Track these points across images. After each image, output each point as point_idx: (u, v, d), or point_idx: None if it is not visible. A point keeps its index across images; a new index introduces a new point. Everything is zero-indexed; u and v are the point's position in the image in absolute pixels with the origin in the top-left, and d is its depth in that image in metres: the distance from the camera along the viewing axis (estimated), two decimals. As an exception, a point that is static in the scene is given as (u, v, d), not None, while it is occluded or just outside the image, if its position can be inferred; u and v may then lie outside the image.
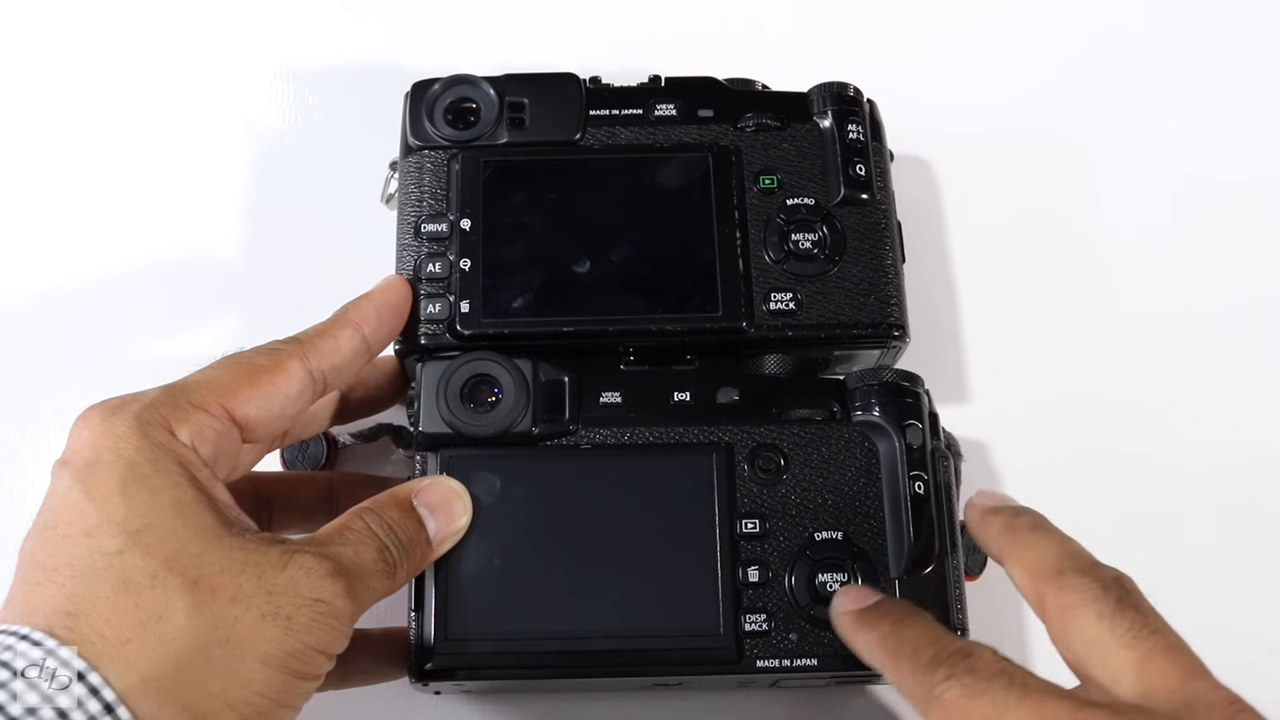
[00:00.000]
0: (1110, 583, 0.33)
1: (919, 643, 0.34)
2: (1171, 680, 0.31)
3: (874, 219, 0.46)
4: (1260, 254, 0.56)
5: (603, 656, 0.40)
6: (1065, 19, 0.61)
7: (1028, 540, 0.35)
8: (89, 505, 0.33)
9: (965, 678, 0.32)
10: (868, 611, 0.37)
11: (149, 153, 0.57)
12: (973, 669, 0.32)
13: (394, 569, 0.37)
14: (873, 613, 0.37)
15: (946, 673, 0.32)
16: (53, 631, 0.31)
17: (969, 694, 0.31)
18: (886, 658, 0.35)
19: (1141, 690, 0.31)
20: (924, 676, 0.33)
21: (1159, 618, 0.32)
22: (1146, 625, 0.32)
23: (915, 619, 0.35)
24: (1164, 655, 0.31)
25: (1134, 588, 0.33)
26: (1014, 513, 0.37)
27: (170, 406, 0.35)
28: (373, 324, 0.41)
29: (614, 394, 0.43)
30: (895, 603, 0.37)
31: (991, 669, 0.32)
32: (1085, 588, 0.33)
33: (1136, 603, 0.33)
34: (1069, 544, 0.35)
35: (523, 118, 0.46)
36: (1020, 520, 0.36)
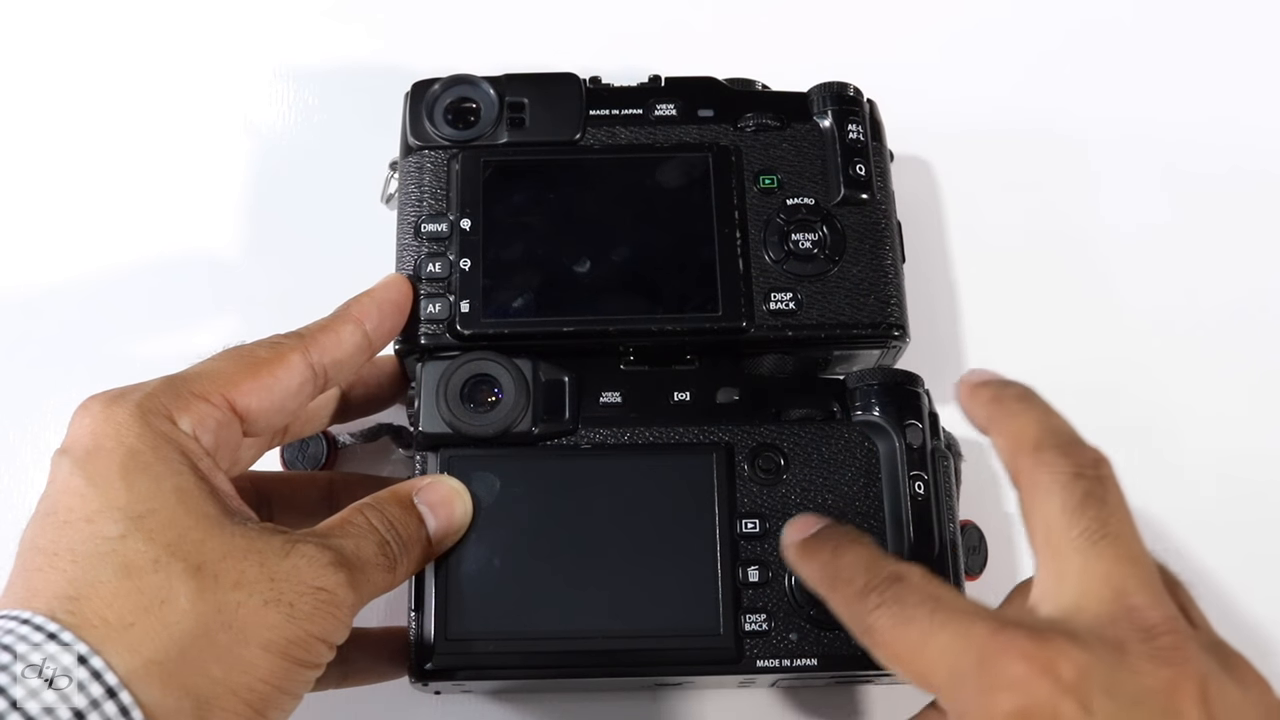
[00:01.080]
0: (1085, 468, 0.32)
1: (854, 570, 0.33)
2: (1107, 590, 0.30)
3: (874, 219, 0.46)
4: (1260, 252, 0.56)
5: (603, 656, 0.40)
6: (1065, 19, 0.61)
7: (1013, 409, 0.35)
8: (90, 491, 0.33)
9: (893, 606, 0.32)
10: (810, 540, 0.36)
11: (149, 152, 0.57)
12: (900, 596, 0.32)
13: (394, 564, 0.37)
14: (814, 541, 0.36)
15: (876, 600, 0.32)
16: (54, 616, 0.31)
17: (896, 622, 0.31)
18: (827, 588, 0.35)
19: (1076, 600, 0.30)
20: (858, 605, 0.33)
21: (1122, 520, 0.31)
22: (1105, 528, 0.31)
23: (851, 545, 0.35)
24: (1110, 564, 0.30)
25: (1109, 478, 0.32)
26: (1002, 384, 0.36)
27: (171, 395, 0.36)
28: (374, 320, 0.41)
29: (614, 394, 0.43)
30: (835, 529, 0.37)
31: (918, 594, 0.32)
32: (1058, 470, 0.32)
33: (1104, 497, 0.32)
34: (1054, 418, 0.34)
35: (523, 118, 0.46)
36: (1007, 390, 0.36)
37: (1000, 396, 0.35)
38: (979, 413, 0.36)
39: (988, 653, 0.29)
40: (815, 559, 0.36)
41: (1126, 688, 0.28)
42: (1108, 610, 0.30)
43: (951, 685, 0.30)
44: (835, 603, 0.34)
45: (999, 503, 0.50)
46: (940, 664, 0.30)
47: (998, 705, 0.28)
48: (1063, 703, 0.28)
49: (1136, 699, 0.28)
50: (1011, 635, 0.29)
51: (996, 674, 0.29)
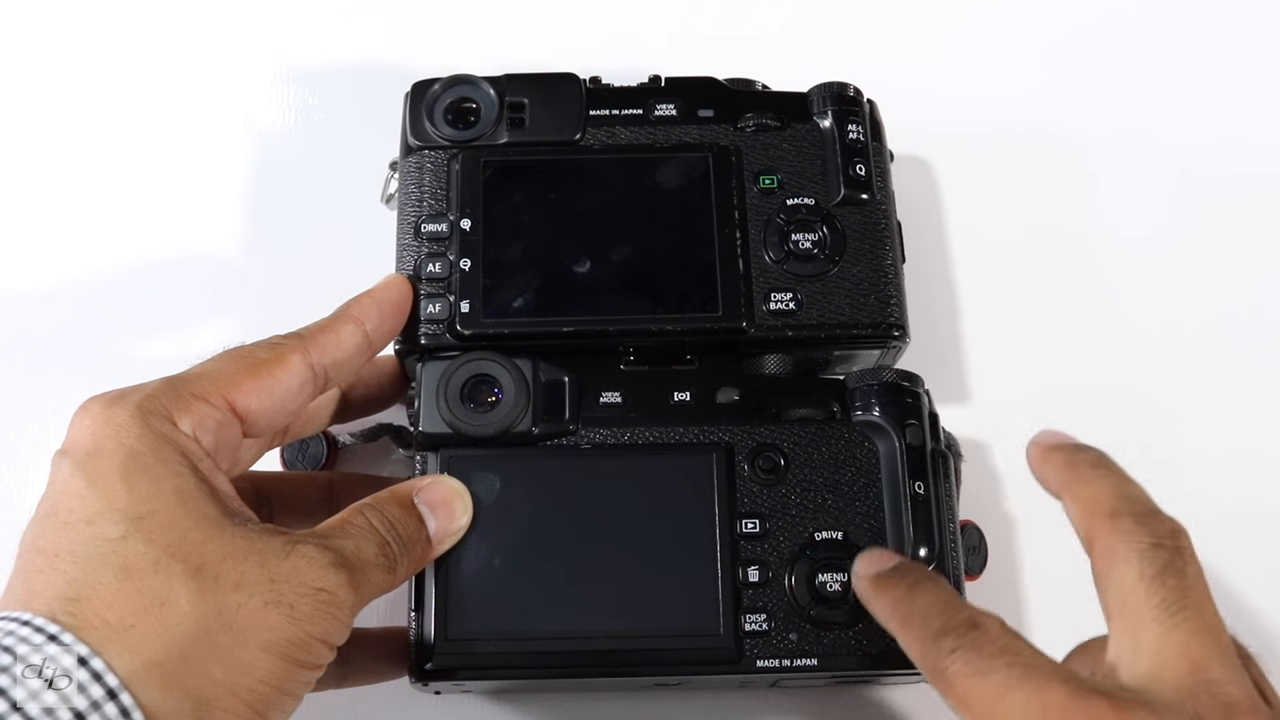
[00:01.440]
0: (1163, 539, 0.32)
1: (929, 610, 0.33)
2: (1185, 665, 0.30)
3: (874, 219, 0.46)
4: (1260, 253, 0.56)
5: (603, 656, 0.40)
6: (1065, 19, 0.61)
7: (1088, 476, 0.34)
8: (90, 492, 0.33)
9: (969, 653, 0.31)
10: (884, 576, 0.36)
11: (149, 152, 0.57)
12: (977, 644, 0.31)
13: (394, 564, 0.37)
14: (888, 577, 0.36)
15: (953, 644, 0.32)
16: (54, 617, 0.31)
17: (972, 671, 0.31)
18: (899, 625, 0.34)
19: (1154, 671, 0.30)
20: (932, 647, 0.32)
21: (1201, 593, 0.31)
22: (1184, 599, 0.30)
23: (927, 584, 0.35)
24: (1189, 637, 0.30)
25: (1188, 549, 0.32)
26: (1076, 448, 0.35)
27: (172, 397, 0.36)
28: (374, 320, 0.41)
29: (614, 394, 0.43)
30: (911, 567, 0.37)
31: (996, 645, 0.31)
32: (1135, 539, 0.32)
33: (1182, 569, 0.31)
34: (1130, 486, 0.34)
35: (523, 118, 0.46)
36: (1082, 456, 0.35)
37: (1074, 462, 0.35)
38: (1052, 477, 0.35)
39: (1067, 716, 0.29)
40: (889, 594, 0.35)
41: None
42: (1187, 683, 0.29)
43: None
44: (907, 640, 0.34)
45: (999, 503, 0.50)
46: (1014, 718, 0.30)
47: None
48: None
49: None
50: (1091, 701, 0.29)
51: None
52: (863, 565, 0.38)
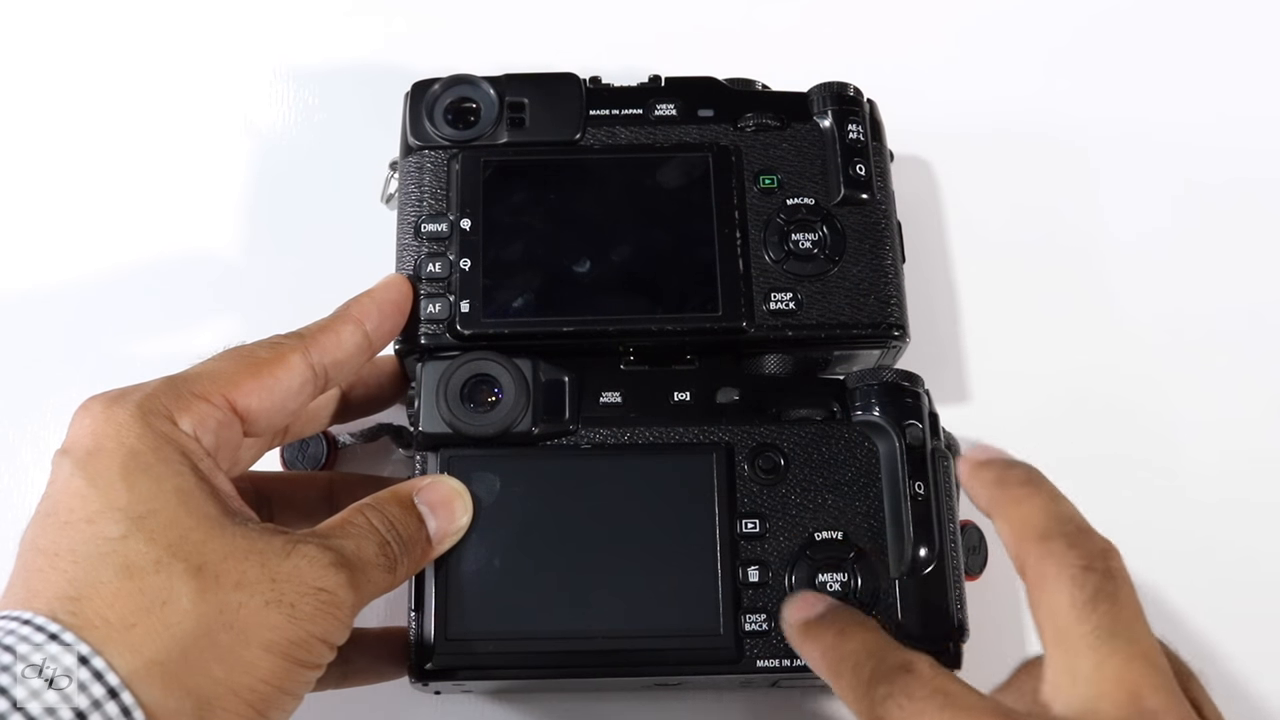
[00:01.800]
0: (1094, 561, 0.31)
1: (859, 656, 0.33)
2: (1122, 695, 0.29)
3: (874, 219, 0.46)
4: (1261, 254, 0.56)
5: (603, 656, 0.40)
6: (1066, 19, 0.61)
7: (1017, 495, 0.33)
8: (91, 492, 0.33)
9: (901, 699, 0.31)
10: (813, 624, 0.36)
11: (149, 152, 0.57)
12: (908, 689, 0.31)
13: (395, 564, 0.37)
14: (817, 625, 0.36)
15: (886, 691, 0.31)
16: (55, 616, 0.31)
17: (906, 715, 0.31)
18: (829, 673, 0.34)
19: (1090, 701, 0.30)
20: (865, 693, 0.32)
21: (1133, 616, 0.31)
22: (1116, 624, 0.30)
23: (857, 630, 0.34)
24: (1124, 664, 0.30)
25: (1119, 571, 0.31)
26: (1006, 465, 0.34)
27: (172, 396, 0.36)
28: (374, 320, 0.41)
29: (614, 394, 0.43)
30: (840, 612, 0.36)
31: (927, 687, 0.31)
32: (1067, 562, 0.31)
33: (1114, 593, 0.31)
34: (1061, 505, 0.33)
35: (523, 118, 0.46)
36: (1012, 474, 0.34)
37: (1004, 479, 0.34)
38: (982, 495, 0.35)
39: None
40: (819, 641, 0.35)
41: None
42: (1123, 714, 0.29)
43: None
44: (841, 689, 0.33)
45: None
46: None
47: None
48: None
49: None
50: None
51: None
52: (790, 612, 0.37)
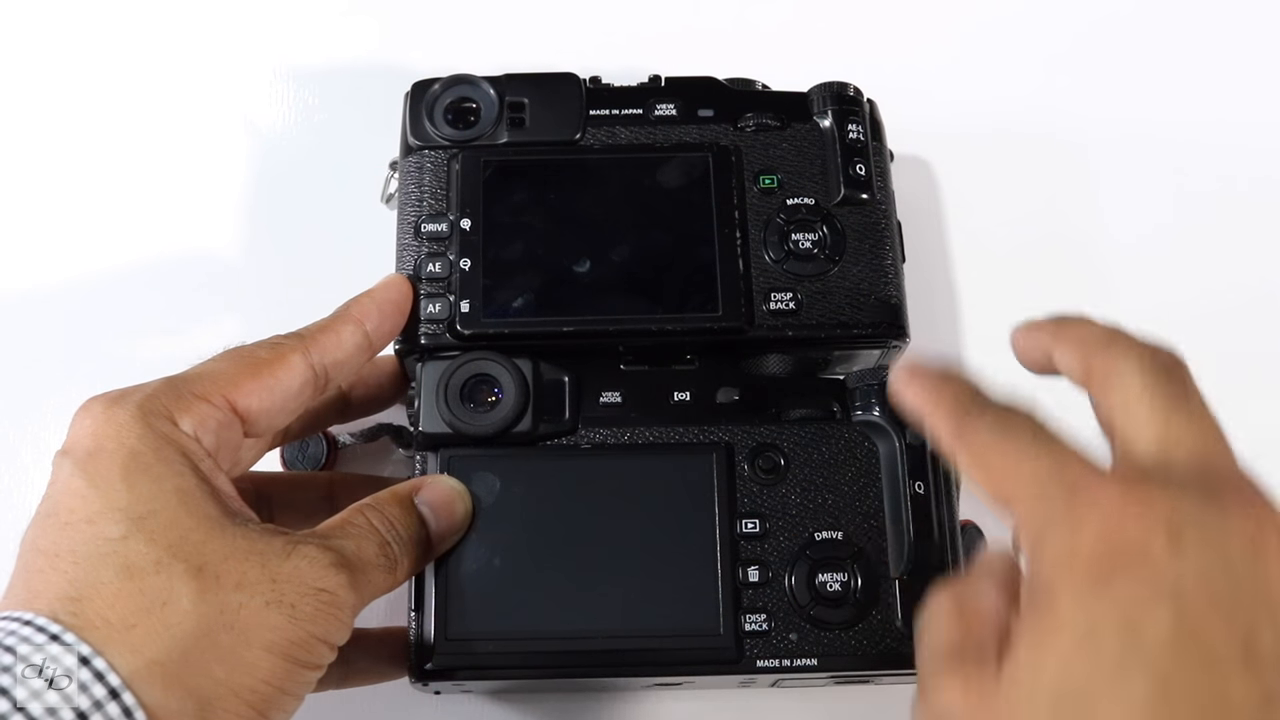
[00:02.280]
0: (1162, 351, 0.32)
1: (961, 389, 0.33)
2: (1193, 456, 0.29)
3: (874, 219, 0.46)
4: (1261, 254, 0.56)
5: (603, 656, 0.40)
6: (1065, 19, 0.61)
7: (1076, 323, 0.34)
8: (91, 492, 0.33)
9: (995, 423, 0.31)
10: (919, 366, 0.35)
11: (149, 152, 0.57)
12: (1005, 415, 0.31)
13: (395, 564, 0.37)
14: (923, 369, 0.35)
15: (980, 413, 0.32)
16: (56, 617, 0.31)
17: (995, 436, 0.31)
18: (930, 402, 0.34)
19: (1162, 457, 0.30)
20: (959, 416, 0.32)
21: (1200, 397, 0.31)
22: (1186, 401, 0.30)
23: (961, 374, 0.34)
24: (1195, 432, 0.30)
25: (1183, 363, 0.32)
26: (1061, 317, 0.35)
27: (172, 397, 0.36)
28: (374, 320, 0.41)
29: (614, 394, 0.43)
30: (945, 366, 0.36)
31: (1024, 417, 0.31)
32: (1136, 353, 0.31)
33: (1183, 377, 0.31)
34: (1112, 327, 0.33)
35: (523, 118, 0.46)
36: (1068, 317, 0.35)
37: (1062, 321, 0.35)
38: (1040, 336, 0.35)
39: (1084, 483, 0.28)
40: (923, 379, 0.34)
41: (1214, 529, 0.27)
42: (1198, 466, 0.29)
43: (1035, 503, 0.29)
44: (936, 418, 0.33)
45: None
46: (1031, 483, 0.29)
47: (1086, 530, 0.27)
48: (1155, 538, 0.27)
49: (1223, 539, 0.27)
50: (1111, 475, 0.29)
51: (1091, 502, 0.28)
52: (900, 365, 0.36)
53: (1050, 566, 0.28)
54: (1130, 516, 0.27)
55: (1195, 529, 0.27)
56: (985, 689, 0.28)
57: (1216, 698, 0.25)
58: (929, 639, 0.31)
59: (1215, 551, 0.27)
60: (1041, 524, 0.29)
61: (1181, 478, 0.29)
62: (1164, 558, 0.27)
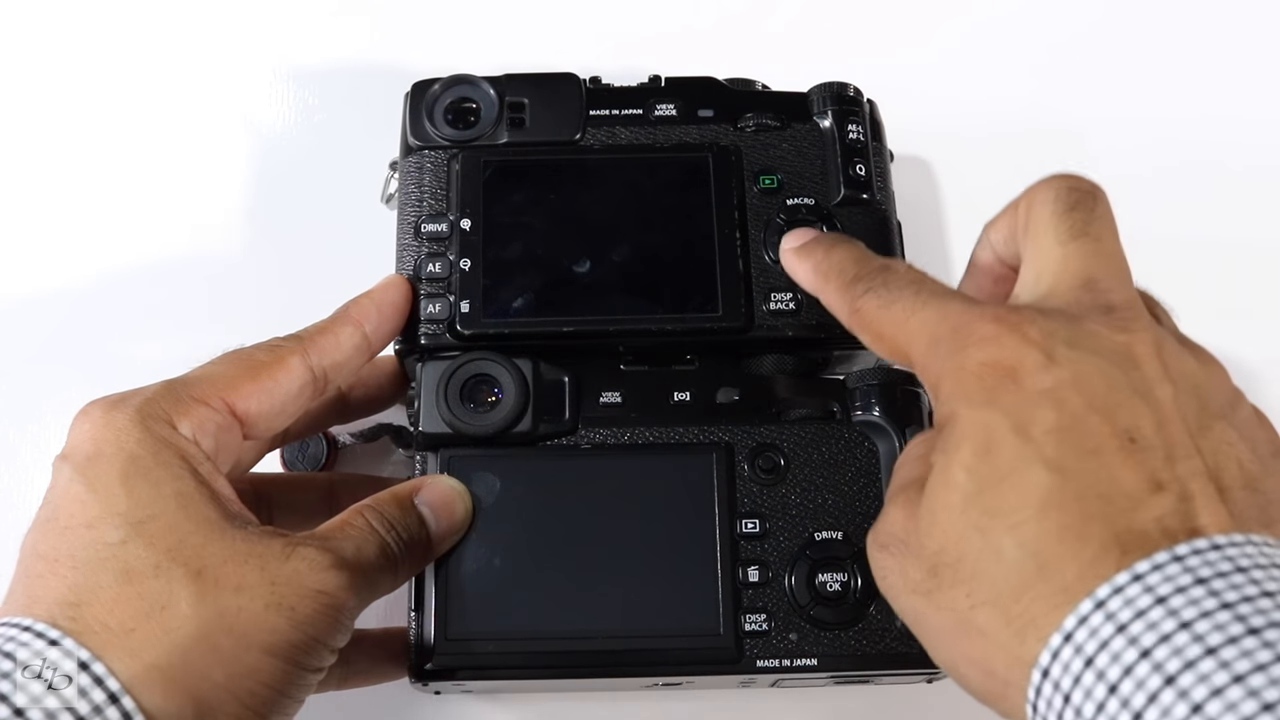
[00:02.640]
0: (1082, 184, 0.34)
1: (845, 263, 0.36)
2: (1077, 280, 0.32)
3: (874, 219, 0.46)
4: (1261, 253, 0.56)
5: (603, 656, 0.40)
6: (1065, 18, 0.61)
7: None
8: (90, 497, 0.33)
9: (880, 290, 0.34)
10: (805, 245, 0.38)
11: (148, 152, 0.57)
12: (887, 281, 0.34)
13: (396, 565, 0.37)
14: (809, 244, 0.38)
15: (865, 286, 0.34)
16: (55, 622, 0.31)
17: (882, 303, 0.34)
18: (818, 280, 0.37)
19: (1048, 289, 0.32)
20: (846, 292, 0.35)
21: (1105, 223, 0.33)
22: (1088, 228, 0.32)
23: (844, 244, 0.37)
24: (1087, 257, 0.32)
25: (1102, 194, 0.34)
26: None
27: (171, 400, 0.36)
28: (374, 321, 0.41)
29: (614, 394, 0.43)
30: (829, 234, 0.40)
31: (904, 279, 0.34)
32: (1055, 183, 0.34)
33: (1093, 206, 0.33)
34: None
35: (523, 118, 0.46)
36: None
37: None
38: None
39: (963, 320, 0.31)
40: (810, 258, 0.37)
41: (1086, 344, 0.30)
42: (1075, 294, 0.31)
43: (929, 351, 0.32)
44: (827, 294, 0.36)
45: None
46: (920, 335, 0.32)
47: (969, 358, 0.30)
48: (1028, 353, 0.29)
49: (1096, 350, 0.30)
50: (985, 307, 0.31)
51: (969, 334, 0.31)
52: (786, 240, 0.40)
53: (948, 398, 0.31)
54: (1006, 341, 0.30)
55: (1066, 344, 0.30)
56: (912, 509, 0.31)
57: (1108, 481, 0.28)
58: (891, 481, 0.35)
59: (1088, 361, 0.29)
60: (936, 368, 0.31)
61: (1059, 303, 0.31)
62: (1040, 370, 0.29)
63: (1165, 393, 0.29)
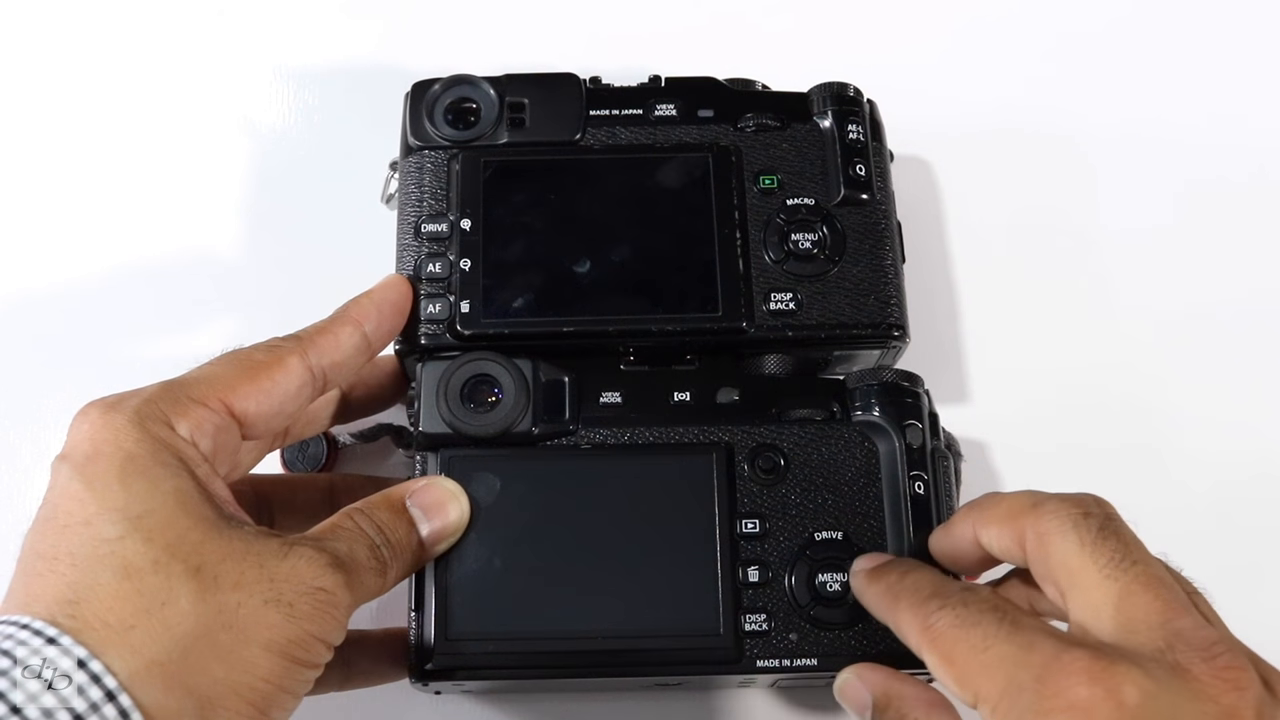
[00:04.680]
0: (1090, 507, 0.32)
1: (920, 583, 0.35)
2: (1153, 617, 0.30)
3: (874, 219, 0.46)
4: (1260, 252, 0.56)
5: (603, 656, 0.40)
6: (1065, 18, 0.61)
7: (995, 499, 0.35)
8: (88, 495, 0.33)
9: (959, 609, 0.32)
10: (879, 566, 0.38)
11: (148, 152, 0.57)
12: (966, 601, 0.32)
13: (386, 567, 0.37)
14: (884, 567, 0.38)
15: (940, 603, 0.33)
16: (54, 620, 0.31)
17: (960, 624, 0.32)
18: (890, 601, 0.35)
19: (1122, 627, 0.30)
20: (920, 609, 0.33)
21: (1141, 548, 0.32)
22: (1128, 556, 0.31)
23: (922, 569, 0.36)
24: (1146, 590, 0.30)
25: (1114, 512, 0.33)
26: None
27: (169, 401, 0.36)
28: (373, 321, 0.41)
29: (614, 394, 0.43)
30: (905, 559, 0.38)
31: (986, 604, 0.32)
32: (1064, 513, 0.32)
33: (1118, 529, 0.32)
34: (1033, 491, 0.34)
35: (523, 118, 0.46)
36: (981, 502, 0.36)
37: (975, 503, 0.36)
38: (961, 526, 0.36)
39: (1050, 671, 0.29)
40: (883, 580, 0.36)
41: (1187, 705, 0.28)
42: (1159, 635, 0.29)
43: (1007, 696, 0.29)
44: (899, 613, 0.34)
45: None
46: (998, 673, 0.30)
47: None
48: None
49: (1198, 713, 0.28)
50: (1076, 655, 0.29)
51: (1059, 693, 0.28)
52: (860, 563, 0.39)
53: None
54: (1100, 706, 0.28)
55: (1166, 711, 0.28)
56: None
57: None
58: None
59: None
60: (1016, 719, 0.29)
61: (1145, 648, 0.29)
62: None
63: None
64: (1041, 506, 0.33)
